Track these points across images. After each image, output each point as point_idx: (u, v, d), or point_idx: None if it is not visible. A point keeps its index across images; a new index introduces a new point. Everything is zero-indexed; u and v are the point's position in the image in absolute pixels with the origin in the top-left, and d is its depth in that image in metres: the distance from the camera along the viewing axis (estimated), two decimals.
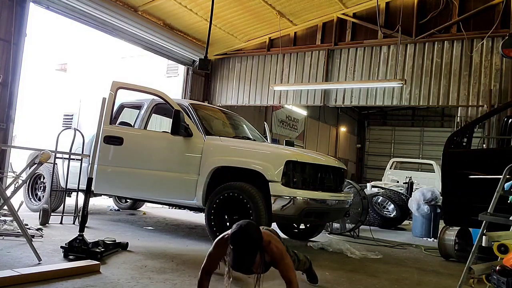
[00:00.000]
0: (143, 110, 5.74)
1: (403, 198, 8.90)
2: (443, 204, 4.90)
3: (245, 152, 4.83)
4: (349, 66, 9.28)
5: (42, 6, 7.15)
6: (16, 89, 6.60)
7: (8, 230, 4.31)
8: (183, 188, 4.94)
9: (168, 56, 10.05)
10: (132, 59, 13.26)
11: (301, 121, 18.30)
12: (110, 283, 3.01)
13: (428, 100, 8.47)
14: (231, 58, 10.81)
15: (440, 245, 5.43)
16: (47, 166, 6.12)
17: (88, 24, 8.05)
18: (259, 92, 10.28)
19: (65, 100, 13.70)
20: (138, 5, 8.36)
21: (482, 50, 8.02)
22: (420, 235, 7.35)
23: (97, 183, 5.00)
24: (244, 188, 4.54)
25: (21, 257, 3.47)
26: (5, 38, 6.43)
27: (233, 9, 8.87)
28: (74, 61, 15.45)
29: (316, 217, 4.84)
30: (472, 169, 4.52)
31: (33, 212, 6.10)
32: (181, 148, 5.01)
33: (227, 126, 6.03)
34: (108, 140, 5.09)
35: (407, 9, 8.58)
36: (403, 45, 8.69)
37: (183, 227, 6.41)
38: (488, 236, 2.80)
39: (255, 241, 2.45)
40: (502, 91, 7.78)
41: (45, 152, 3.77)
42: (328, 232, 6.72)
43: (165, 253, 4.21)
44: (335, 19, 9.48)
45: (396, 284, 3.78)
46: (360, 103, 9.27)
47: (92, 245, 3.74)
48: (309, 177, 4.76)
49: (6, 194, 3.59)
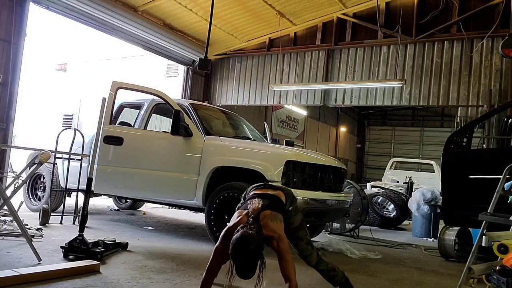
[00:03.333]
0: (143, 110, 5.74)
1: (403, 198, 8.90)
2: (443, 204, 4.90)
3: (245, 152, 4.83)
4: (349, 66, 9.28)
5: (42, 6, 7.15)
6: (16, 89, 6.60)
7: (8, 230, 4.31)
8: (183, 188, 4.94)
9: (168, 56, 10.05)
10: (132, 59, 13.26)
11: (301, 121, 18.29)
12: (110, 283, 3.00)
13: (428, 100, 8.46)
14: (231, 58, 10.81)
15: (440, 245, 5.43)
16: (47, 166, 6.12)
17: (88, 24, 8.05)
18: (259, 92, 10.28)
19: (65, 100, 13.71)
20: (138, 5, 8.36)
21: (482, 50, 8.01)
22: (420, 235, 7.35)
23: (97, 183, 5.00)
24: (244, 188, 4.51)
25: (21, 257, 3.47)
26: (5, 38, 6.44)
27: (233, 9, 8.87)
28: (74, 61, 15.46)
29: (316, 217, 4.84)
30: (472, 169, 4.52)
31: (33, 212, 6.10)
32: (181, 148, 5.01)
33: (227, 126, 6.03)
34: (108, 140, 5.08)
35: (407, 9, 8.58)
36: (403, 45, 8.69)
37: (183, 227, 6.41)
38: (488, 236, 2.81)
39: (254, 254, 2.44)
40: (502, 91, 7.78)
41: (45, 152, 3.77)
42: (328, 232, 6.72)
43: (165, 253, 4.21)
44: (335, 19, 9.48)
45: (396, 284, 3.78)
46: (360, 103, 9.27)
47: (92, 245, 3.74)
48: (309, 177, 4.76)
49: (6, 194, 3.59)
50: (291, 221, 2.98)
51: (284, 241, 2.64)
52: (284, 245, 2.62)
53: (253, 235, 2.51)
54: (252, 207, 2.74)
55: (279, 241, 2.61)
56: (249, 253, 2.43)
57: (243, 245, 2.43)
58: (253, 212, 2.70)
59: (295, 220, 3.00)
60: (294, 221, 2.99)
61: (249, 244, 2.44)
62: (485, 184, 4.02)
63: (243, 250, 2.42)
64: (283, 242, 2.63)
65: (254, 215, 2.68)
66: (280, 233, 2.66)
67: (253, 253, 2.43)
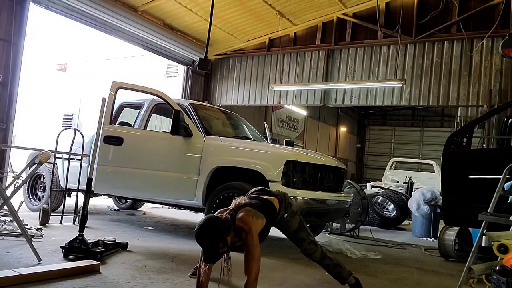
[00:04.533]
0: (143, 110, 5.74)
1: (403, 198, 8.90)
2: (443, 204, 4.89)
3: (245, 152, 4.83)
4: (349, 66, 9.28)
5: (42, 6, 7.15)
6: (16, 89, 6.60)
7: (8, 230, 4.31)
8: (183, 188, 4.94)
9: (168, 56, 10.05)
10: (132, 59, 13.26)
11: (301, 121, 18.29)
12: (110, 283, 3.00)
13: (428, 100, 8.46)
14: (231, 58, 10.81)
15: (440, 245, 5.43)
16: (47, 166, 6.12)
17: (88, 24, 8.05)
18: (259, 92, 10.28)
19: (65, 100, 13.72)
20: (138, 5, 8.36)
21: (482, 50, 8.01)
22: (420, 235, 7.35)
23: (97, 183, 5.00)
24: (244, 188, 4.52)
25: (21, 257, 3.47)
26: (5, 38, 6.43)
27: (233, 9, 8.87)
28: (74, 61, 15.46)
29: (316, 217, 4.84)
30: (472, 169, 4.52)
31: (33, 212, 6.10)
32: (181, 148, 5.01)
33: (227, 126, 6.03)
34: (108, 140, 5.08)
35: (407, 9, 8.58)
36: (403, 45, 8.69)
37: (183, 227, 6.41)
38: (488, 236, 2.80)
39: (213, 236, 2.57)
40: (502, 91, 7.78)
41: (45, 152, 3.77)
42: (328, 232, 6.72)
43: (165, 253, 4.21)
44: (335, 19, 9.48)
45: (396, 284, 3.78)
46: (360, 103, 9.27)
47: (92, 245, 3.74)
48: (309, 177, 4.76)
49: (6, 194, 3.59)
50: (289, 224, 3.04)
51: (252, 236, 2.68)
52: (251, 239, 2.66)
53: (218, 219, 2.67)
54: (235, 203, 2.84)
55: (248, 233, 2.66)
56: (208, 234, 2.57)
57: (204, 227, 2.60)
58: (235, 207, 2.80)
59: (293, 224, 3.05)
60: (291, 225, 3.05)
61: (210, 227, 2.59)
62: (485, 184, 4.02)
63: (203, 231, 2.59)
64: (252, 237, 2.67)
65: (234, 208, 2.78)
66: (252, 227, 2.69)
67: (212, 235, 2.56)
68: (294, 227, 3.05)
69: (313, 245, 3.07)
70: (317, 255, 3.07)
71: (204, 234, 2.59)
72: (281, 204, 3.02)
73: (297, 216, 3.10)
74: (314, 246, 3.07)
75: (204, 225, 2.61)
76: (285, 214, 3.02)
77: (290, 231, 3.06)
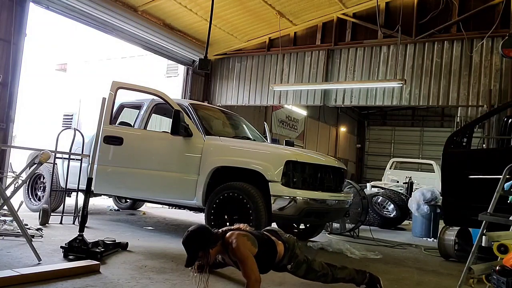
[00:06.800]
0: (143, 110, 5.74)
1: (403, 198, 8.90)
2: (443, 204, 4.89)
3: (245, 152, 4.83)
4: (349, 66, 9.28)
5: (42, 6, 7.15)
6: (16, 89, 6.60)
7: (8, 230, 4.31)
8: (183, 188, 4.94)
9: (168, 56, 10.05)
10: (132, 59, 13.27)
11: (301, 121, 18.29)
12: (110, 283, 3.00)
13: (428, 100, 8.47)
14: (231, 58, 10.81)
15: (440, 245, 5.43)
16: (47, 166, 6.12)
17: (88, 24, 8.05)
18: (259, 92, 10.28)
19: (65, 100, 13.72)
20: (138, 5, 8.36)
21: (482, 50, 8.01)
22: (420, 235, 7.35)
23: (97, 183, 5.00)
24: (244, 188, 4.54)
25: (21, 257, 3.47)
26: (5, 38, 6.44)
27: (233, 9, 8.87)
28: (74, 61, 15.46)
29: (316, 217, 4.84)
30: (472, 169, 4.52)
31: (33, 212, 6.10)
32: (181, 148, 5.01)
33: (227, 126, 6.03)
34: (108, 140, 5.08)
35: (407, 9, 8.58)
36: (403, 45, 8.69)
37: (183, 227, 6.41)
38: (488, 236, 2.80)
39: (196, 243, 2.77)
40: (502, 91, 7.78)
41: (45, 152, 3.77)
42: (328, 232, 6.72)
43: (165, 253, 4.21)
44: (335, 19, 9.48)
45: (396, 284, 3.78)
46: (360, 103, 9.27)
47: (92, 245, 3.74)
48: (309, 177, 4.75)
49: (6, 194, 3.59)
50: (295, 273, 3.09)
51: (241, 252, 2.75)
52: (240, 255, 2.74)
53: (208, 230, 2.86)
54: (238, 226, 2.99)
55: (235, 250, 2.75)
56: (193, 240, 2.78)
57: (193, 232, 2.82)
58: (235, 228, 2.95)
59: (299, 273, 3.08)
60: (297, 274, 3.09)
61: (199, 234, 2.80)
62: (485, 184, 4.01)
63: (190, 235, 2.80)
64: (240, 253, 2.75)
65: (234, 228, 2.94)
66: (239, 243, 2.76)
67: (196, 241, 2.77)
68: (301, 275, 3.09)
69: (323, 277, 3.09)
70: (328, 280, 3.11)
71: (189, 238, 2.79)
72: (286, 252, 3.00)
73: (304, 265, 3.05)
74: (323, 276, 3.09)
75: (193, 230, 2.82)
76: (289, 266, 3.02)
77: (299, 275, 3.11)
